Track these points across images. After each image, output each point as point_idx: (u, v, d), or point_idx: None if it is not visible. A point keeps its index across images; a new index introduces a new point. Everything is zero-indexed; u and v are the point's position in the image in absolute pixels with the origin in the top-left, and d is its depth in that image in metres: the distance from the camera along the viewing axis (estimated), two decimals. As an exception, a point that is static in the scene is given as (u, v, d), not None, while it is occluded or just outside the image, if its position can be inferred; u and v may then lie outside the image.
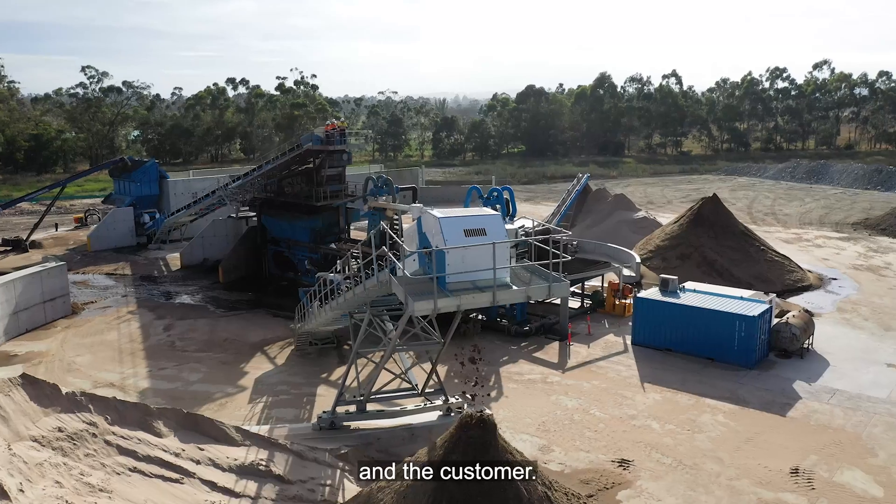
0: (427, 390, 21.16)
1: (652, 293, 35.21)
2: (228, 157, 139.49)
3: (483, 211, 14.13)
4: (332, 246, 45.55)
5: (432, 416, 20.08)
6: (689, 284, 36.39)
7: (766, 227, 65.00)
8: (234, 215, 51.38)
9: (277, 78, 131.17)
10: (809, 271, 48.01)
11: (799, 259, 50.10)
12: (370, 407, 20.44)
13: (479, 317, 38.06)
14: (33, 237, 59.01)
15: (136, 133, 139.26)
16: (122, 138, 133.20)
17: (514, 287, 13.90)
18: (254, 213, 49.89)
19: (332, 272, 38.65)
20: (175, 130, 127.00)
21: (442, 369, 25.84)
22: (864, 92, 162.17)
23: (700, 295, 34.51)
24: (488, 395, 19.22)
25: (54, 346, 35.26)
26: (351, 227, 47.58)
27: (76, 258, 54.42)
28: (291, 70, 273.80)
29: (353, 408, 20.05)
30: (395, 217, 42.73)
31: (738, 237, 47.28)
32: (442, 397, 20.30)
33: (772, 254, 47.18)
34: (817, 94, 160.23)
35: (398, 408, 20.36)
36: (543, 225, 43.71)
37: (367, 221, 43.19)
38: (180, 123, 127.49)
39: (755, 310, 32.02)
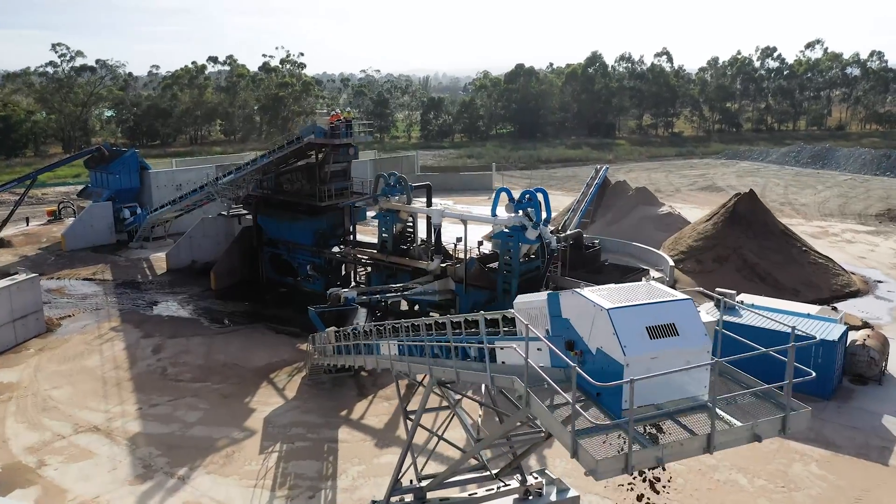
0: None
1: (708, 311, 31.22)
2: (208, 138, 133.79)
3: (659, 290, 9.85)
4: (337, 250, 41.22)
5: (506, 502, 16.07)
6: (745, 298, 32.54)
7: (787, 220, 61.21)
8: (225, 213, 46.59)
9: (263, 56, 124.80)
10: (853, 273, 44.45)
11: (835, 258, 46.50)
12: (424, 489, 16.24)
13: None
14: (2, 234, 53.93)
15: (108, 113, 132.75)
16: (96, 118, 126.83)
17: (733, 420, 9.59)
18: (247, 212, 45.21)
19: (345, 287, 34.59)
20: (152, 111, 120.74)
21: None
22: (856, 72, 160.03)
23: (764, 312, 30.56)
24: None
25: (26, 375, 30.63)
26: (356, 228, 42.94)
27: (49, 259, 49.43)
28: (277, 48, 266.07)
29: (409, 496, 15.91)
30: (409, 220, 38.54)
31: (778, 237, 43.57)
32: (517, 475, 16.26)
33: (815, 255, 43.54)
34: (809, 74, 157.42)
35: (466, 494, 16.28)
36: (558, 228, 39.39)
37: (377, 221, 38.89)
38: (157, 104, 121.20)
39: (833, 332, 28.25)
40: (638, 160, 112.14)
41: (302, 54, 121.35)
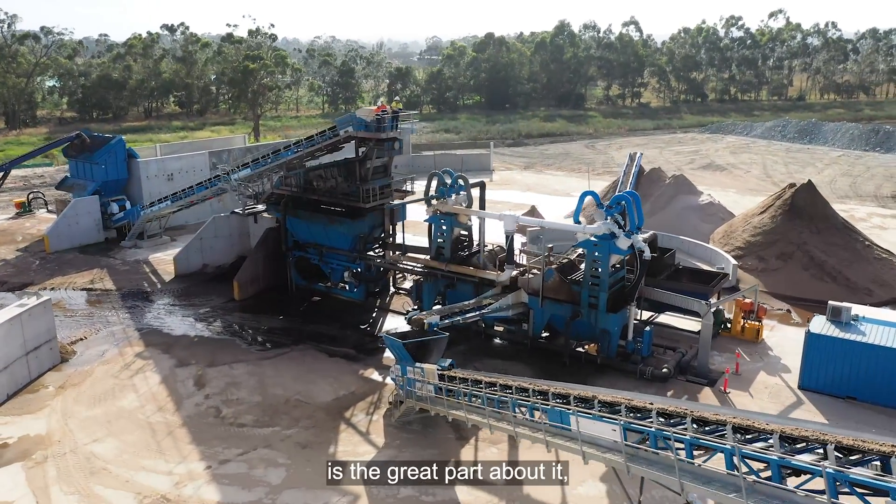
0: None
1: (824, 326, 28.50)
2: (162, 111, 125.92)
3: None
4: (372, 254, 37.15)
5: None
6: (858, 310, 29.70)
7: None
8: (239, 211, 41.67)
9: (227, 26, 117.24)
10: (912, 267, 42.48)
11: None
12: None
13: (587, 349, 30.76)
14: (-30, 233, 47.92)
15: (51, 83, 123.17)
16: (37, 88, 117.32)
17: None
18: (266, 210, 40.49)
19: (425, 312, 30.52)
20: (103, 82, 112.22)
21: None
22: (816, 42, 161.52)
23: (886, 328, 28.03)
24: None
25: (55, 422, 25.92)
26: (398, 229, 38.66)
27: (34, 264, 43.78)
28: (244, 17, 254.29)
29: None
30: (468, 224, 34.62)
31: (841, 231, 41.20)
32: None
33: (878, 250, 41.38)
34: (772, 44, 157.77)
35: None
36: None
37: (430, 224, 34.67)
38: (109, 74, 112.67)
39: (976, 355, 25.81)
40: (618, 134, 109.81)
41: (273, 25, 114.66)
